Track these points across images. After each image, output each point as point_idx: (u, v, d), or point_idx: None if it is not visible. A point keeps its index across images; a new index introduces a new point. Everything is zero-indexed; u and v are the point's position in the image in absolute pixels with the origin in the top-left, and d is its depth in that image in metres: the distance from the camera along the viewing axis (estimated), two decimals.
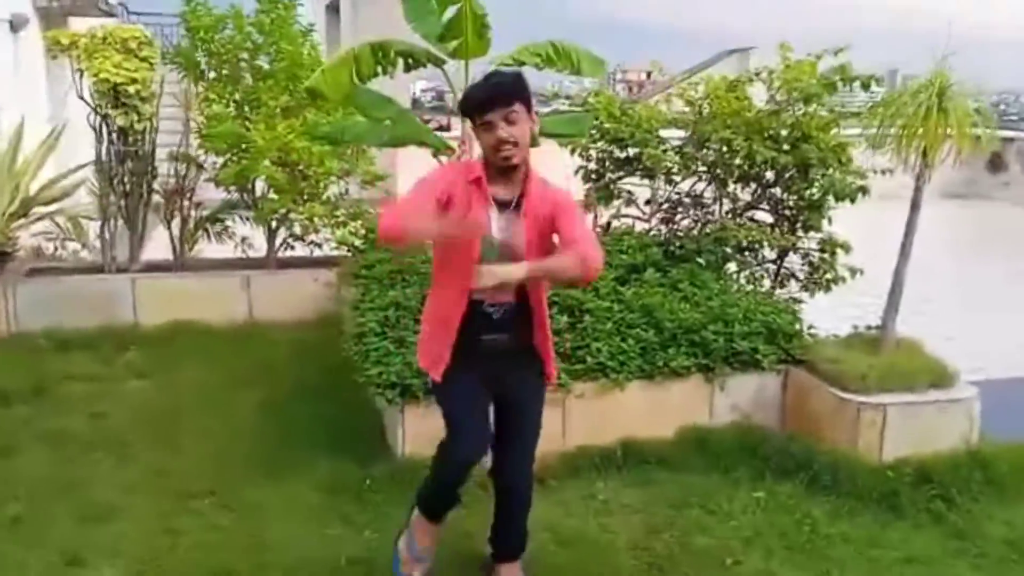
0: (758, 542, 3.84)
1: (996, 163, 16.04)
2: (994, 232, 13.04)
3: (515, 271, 2.91)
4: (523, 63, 4.67)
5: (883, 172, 5.22)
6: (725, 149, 5.53)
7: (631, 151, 5.89)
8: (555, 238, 3.05)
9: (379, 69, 4.29)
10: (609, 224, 5.94)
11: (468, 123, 4.58)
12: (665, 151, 5.77)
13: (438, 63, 4.45)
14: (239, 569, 3.56)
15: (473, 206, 2.97)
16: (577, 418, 4.44)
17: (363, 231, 6.64)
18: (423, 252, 4.88)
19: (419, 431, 4.22)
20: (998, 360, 6.18)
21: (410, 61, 4.34)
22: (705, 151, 5.73)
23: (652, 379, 4.52)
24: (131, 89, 6.15)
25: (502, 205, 3.03)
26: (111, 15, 12.04)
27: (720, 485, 4.29)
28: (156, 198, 6.73)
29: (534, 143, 3.03)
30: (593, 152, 6.10)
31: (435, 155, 4.71)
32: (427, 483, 3.36)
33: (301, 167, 6.35)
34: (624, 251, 5.18)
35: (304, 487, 4.20)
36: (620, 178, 6.04)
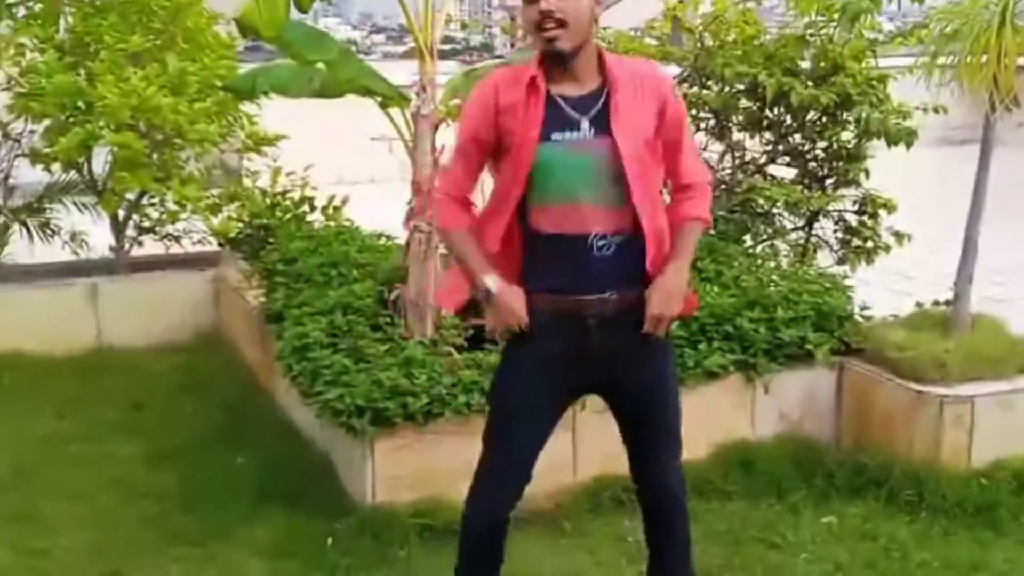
0: None
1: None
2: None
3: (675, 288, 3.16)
4: None
5: (935, 110, 5.62)
6: (735, 88, 5.82)
7: None
8: None
9: None
10: None
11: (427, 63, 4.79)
12: None
13: None
14: None
15: (531, 116, 3.03)
16: (591, 442, 4.60)
17: (247, 217, 6.65)
18: None
19: (395, 470, 4.33)
20: None
21: None
22: (706, 91, 6.03)
23: (682, 383, 4.74)
24: None
25: (574, 107, 3.06)
26: None
27: (777, 513, 4.57)
28: None
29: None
30: None
31: (383, 106, 4.81)
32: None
33: (165, 132, 6.32)
34: None
35: (243, 554, 4.24)
36: None
